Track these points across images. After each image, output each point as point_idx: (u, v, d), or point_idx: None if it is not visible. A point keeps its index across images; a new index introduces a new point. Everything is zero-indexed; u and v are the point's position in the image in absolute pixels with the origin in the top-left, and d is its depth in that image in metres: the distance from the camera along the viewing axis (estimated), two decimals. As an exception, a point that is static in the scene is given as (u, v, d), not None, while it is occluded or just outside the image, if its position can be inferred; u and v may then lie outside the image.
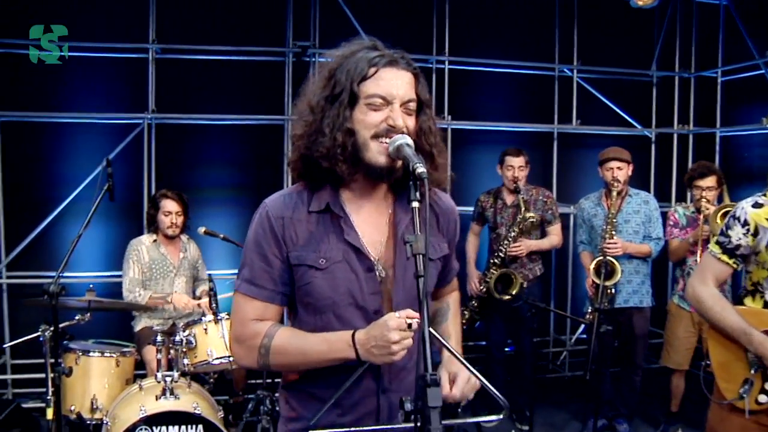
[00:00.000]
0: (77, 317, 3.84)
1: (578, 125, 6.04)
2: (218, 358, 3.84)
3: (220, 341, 3.86)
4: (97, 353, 3.83)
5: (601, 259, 4.31)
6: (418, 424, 1.32)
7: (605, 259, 4.28)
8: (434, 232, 1.80)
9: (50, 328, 3.37)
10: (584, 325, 5.52)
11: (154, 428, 3.26)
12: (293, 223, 1.66)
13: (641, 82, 6.29)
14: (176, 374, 3.56)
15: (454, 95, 5.78)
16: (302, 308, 1.71)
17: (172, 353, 3.85)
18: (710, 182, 4.26)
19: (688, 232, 4.35)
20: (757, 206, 2.39)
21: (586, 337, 5.91)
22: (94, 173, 4.88)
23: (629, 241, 4.40)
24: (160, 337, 3.66)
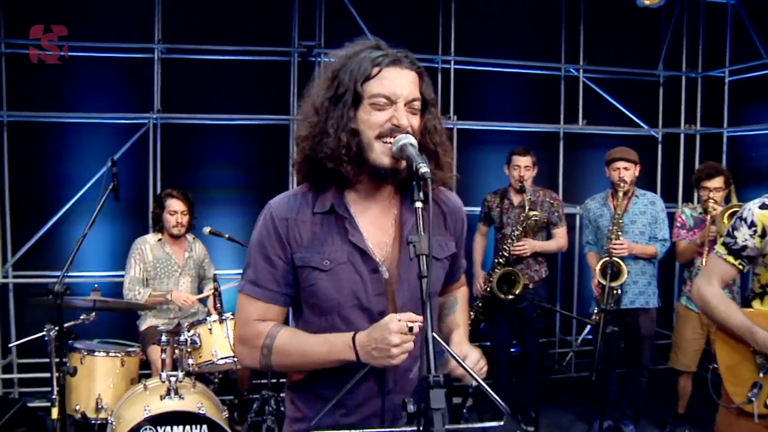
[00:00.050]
0: (82, 317, 3.85)
1: (584, 125, 6.01)
2: (223, 358, 3.86)
3: (224, 341, 3.86)
4: (102, 353, 3.85)
5: (607, 259, 4.29)
6: (420, 426, 1.31)
7: (611, 259, 4.26)
8: (441, 231, 1.79)
9: (55, 327, 3.38)
10: (590, 325, 5.49)
11: (158, 428, 3.27)
12: (297, 224, 1.65)
13: (648, 81, 6.25)
14: (181, 374, 3.57)
15: (459, 95, 5.75)
16: (307, 309, 1.70)
17: (176, 353, 3.87)
18: (718, 183, 4.23)
19: (695, 233, 4.33)
20: (764, 207, 2.36)
21: (592, 337, 5.88)
22: (99, 173, 4.89)
23: (635, 241, 4.38)
24: (164, 336, 3.68)
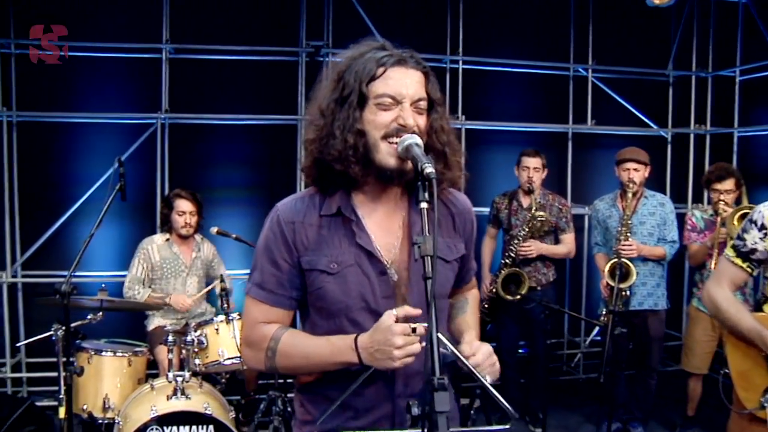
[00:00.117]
0: (89, 316, 3.85)
1: (593, 125, 5.97)
2: (229, 358, 3.86)
3: (231, 341, 3.87)
4: (109, 353, 3.86)
5: (615, 261, 4.26)
6: (425, 429, 1.30)
7: (620, 261, 4.23)
8: (450, 232, 1.77)
9: (62, 327, 3.38)
10: (599, 327, 5.46)
11: (165, 428, 3.28)
12: (304, 227, 1.64)
13: (657, 81, 6.20)
14: (187, 374, 3.57)
15: (468, 95, 5.73)
16: (315, 312, 1.69)
17: (183, 353, 3.87)
18: (728, 185, 4.19)
19: (706, 235, 4.29)
20: (775, 209, 2.34)
21: (600, 339, 5.84)
22: (107, 173, 4.89)
23: (644, 243, 4.34)
24: (171, 337, 3.68)
